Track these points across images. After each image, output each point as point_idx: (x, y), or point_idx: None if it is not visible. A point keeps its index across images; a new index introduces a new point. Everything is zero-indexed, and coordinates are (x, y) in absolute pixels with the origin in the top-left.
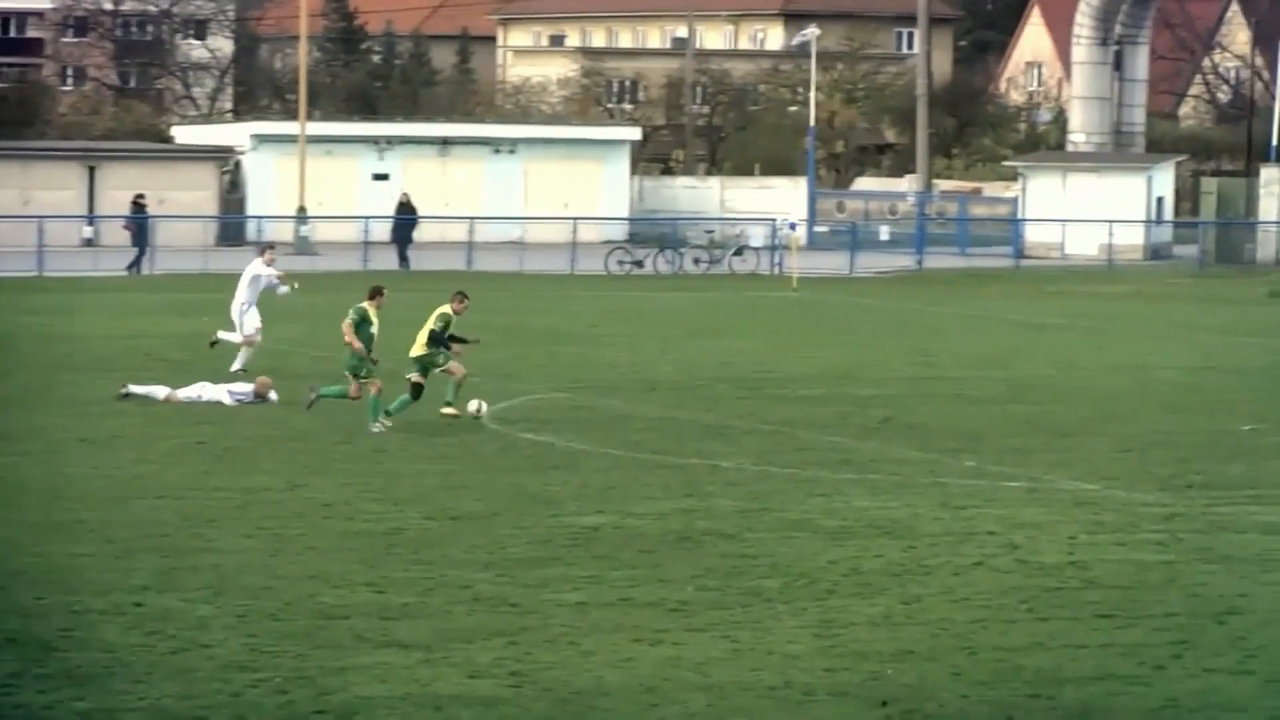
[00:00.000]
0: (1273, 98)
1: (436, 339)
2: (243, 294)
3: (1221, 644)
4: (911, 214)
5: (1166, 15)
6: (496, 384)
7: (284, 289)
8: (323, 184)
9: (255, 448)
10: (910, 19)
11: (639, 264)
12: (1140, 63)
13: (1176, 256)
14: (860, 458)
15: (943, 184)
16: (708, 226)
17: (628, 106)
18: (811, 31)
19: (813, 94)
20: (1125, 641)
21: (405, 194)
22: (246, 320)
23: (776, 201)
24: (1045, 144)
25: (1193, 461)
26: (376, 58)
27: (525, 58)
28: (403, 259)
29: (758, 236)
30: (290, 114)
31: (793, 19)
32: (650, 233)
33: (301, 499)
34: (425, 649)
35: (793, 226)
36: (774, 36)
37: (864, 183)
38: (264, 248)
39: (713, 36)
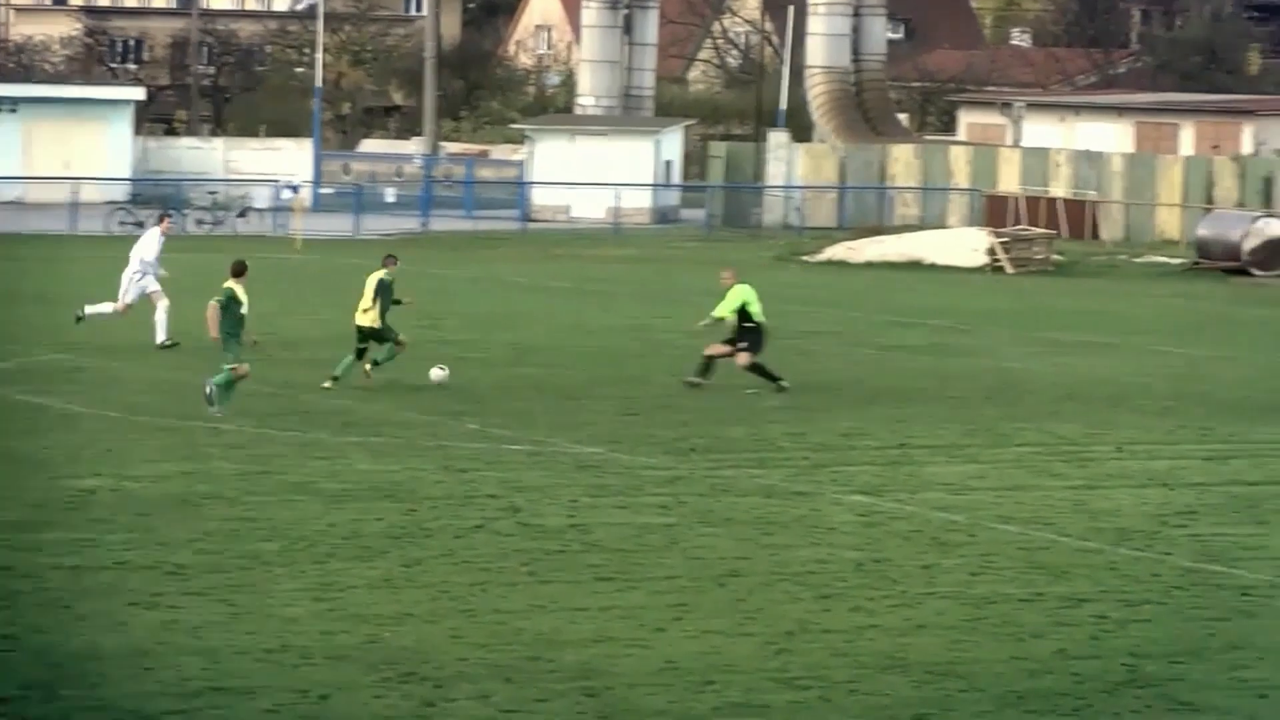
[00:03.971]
0: (781, 62)
1: (387, 301)
2: (136, 262)
3: (722, 606)
4: (418, 176)
5: None
6: None
7: (161, 272)
8: None
9: None
10: None
11: (140, 225)
12: (650, 27)
13: (684, 220)
14: (363, 420)
15: (450, 146)
16: (211, 188)
17: (132, 66)
18: None
19: (319, 55)
20: (626, 604)
21: None
22: (131, 288)
23: (282, 163)
24: (554, 107)
25: (696, 425)
26: None
27: (28, 16)
28: None
29: (262, 198)
30: None
31: None
32: (153, 193)
33: None
34: None
35: (295, 189)
36: None
37: (371, 145)
38: (162, 215)
39: None
